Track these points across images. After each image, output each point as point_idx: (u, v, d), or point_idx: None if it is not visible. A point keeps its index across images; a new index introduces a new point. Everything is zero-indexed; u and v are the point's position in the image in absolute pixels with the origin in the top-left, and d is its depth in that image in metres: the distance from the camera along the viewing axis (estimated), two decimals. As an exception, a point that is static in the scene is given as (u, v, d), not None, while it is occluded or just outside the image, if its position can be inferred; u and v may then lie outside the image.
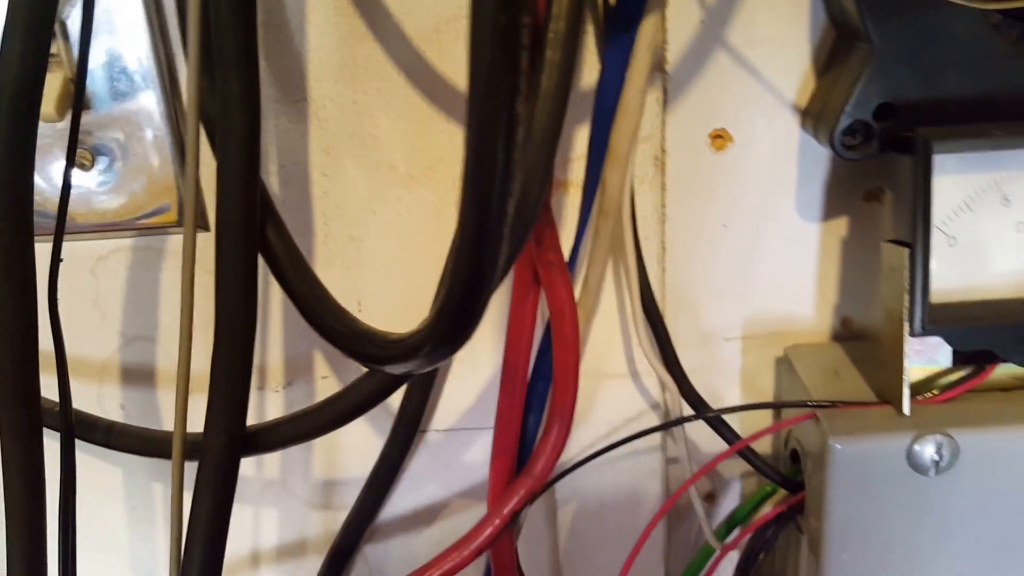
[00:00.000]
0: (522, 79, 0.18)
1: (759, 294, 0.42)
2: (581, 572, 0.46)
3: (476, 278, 0.23)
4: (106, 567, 0.46)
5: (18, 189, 0.29)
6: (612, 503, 0.45)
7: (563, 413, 0.36)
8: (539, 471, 0.37)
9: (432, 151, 0.38)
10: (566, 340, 0.35)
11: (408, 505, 0.45)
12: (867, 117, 0.34)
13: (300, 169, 0.39)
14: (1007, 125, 0.33)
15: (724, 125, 0.39)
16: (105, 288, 0.41)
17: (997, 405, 0.36)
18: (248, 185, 0.30)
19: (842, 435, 0.35)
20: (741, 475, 0.46)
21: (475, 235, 0.21)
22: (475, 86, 0.19)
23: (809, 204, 0.40)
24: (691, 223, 0.40)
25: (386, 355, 0.29)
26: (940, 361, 0.37)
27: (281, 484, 0.45)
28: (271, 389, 0.42)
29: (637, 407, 0.43)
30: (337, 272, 0.40)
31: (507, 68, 0.18)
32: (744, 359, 0.43)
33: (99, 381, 0.42)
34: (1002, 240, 0.35)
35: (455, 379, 0.43)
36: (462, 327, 0.24)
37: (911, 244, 0.34)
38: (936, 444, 0.35)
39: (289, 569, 0.46)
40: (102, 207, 0.39)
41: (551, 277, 0.34)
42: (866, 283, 0.42)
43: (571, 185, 0.38)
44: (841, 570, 0.37)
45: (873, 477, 0.36)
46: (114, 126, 0.37)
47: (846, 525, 0.37)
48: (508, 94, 0.18)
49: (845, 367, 0.40)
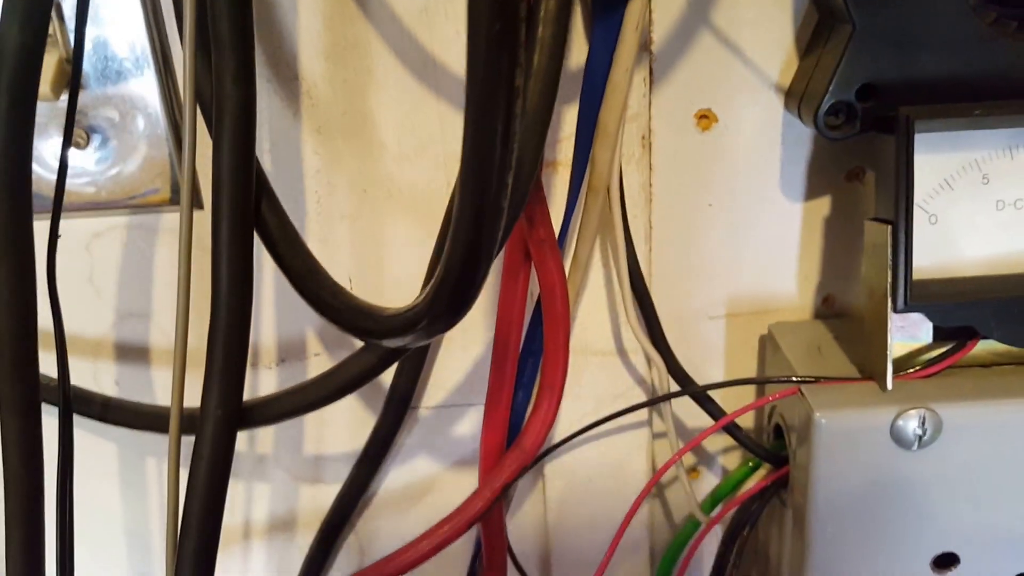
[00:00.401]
0: (521, 51, 0.19)
1: (743, 272, 0.43)
2: (569, 546, 0.47)
3: (475, 251, 0.23)
4: (101, 542, 0.47)
5: (17, 167, 0.30)
6: (599, 478, 0.46)
7: (552, 387, 0.37)
8: (529, 445, 0.37)
9: (422, 130, 0.39)
10: (556, 316, 0.36)
11: (399, 481, 0.46)
12: (850, 97, 0.35)
13: (292, 148, 0.39)
14: (987, 105, 0.34)
15: (709, 105, 0.39)
16: (100, 265, 0.41)
17: (979, 380, 0.37)
18: (243, 161, 0.31)
19: (827, 409, 0.36)
20: (725, 450, 0.47)
21: (475, 208, 0.22)
22: (474, 59, 0.19)
23: (792, 184, 0.41)
24: (677, 202, 0.41)
25: (383, 329, 0.29)
26: (922, 337, 0.38)
27: (273, 459, 0.45)
28: (264, 366, 0.43)
29: (624, 384, 0.44)
30: (329, 250, 0.40)
31: (506, 40, 0.18)
32: (728, 337, 0.44)
33: (94, 357, 0.42)
34: (982, 218, 0.36)
35: (446, 357, 0.43)
36: (461, 300, 0.25)
37: (893, 221, 0.35)
38: (919, 418, 0.35)
39: (281, 543, 0.47)
40: (97, 185, 0.39)
41: (542, 254, 0.35)
42: (848, 262, 0.42)
43: (559, 165, 0.39)
44: (825, 543, 0.38)
45: (857, 451, 0.36)
46: (109, 105, 0.38)
47: (830, 498, 0.37)
48: (508, 67, 0.19)
49: (828, 344, 0.41)
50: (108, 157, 0.39)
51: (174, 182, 0.39)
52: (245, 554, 0.47)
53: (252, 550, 0.47)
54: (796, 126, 0.39)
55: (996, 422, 0.36)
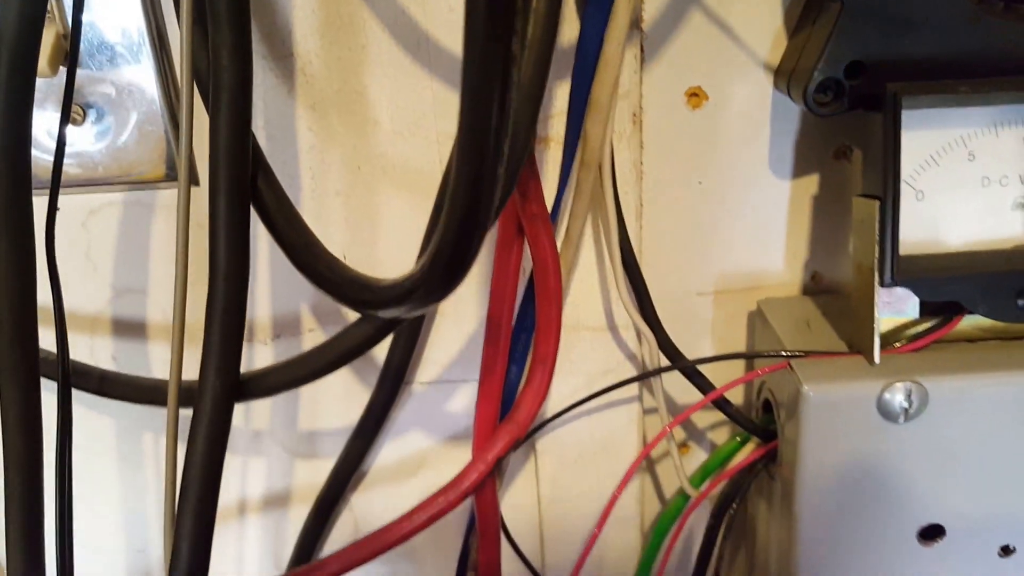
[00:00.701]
0: (518, 19, 0.19)
1: (732, 250, 0.43)
2: (561, 520, 0.48)
3: (472, 218, 0.24)
4: (98, 516, 0.47)
5: (17, 139, 0.30)
6: (591, 453, 0.46)
7: (545, 361, 0.37)
8: (522, 417, 0.38)
9: (416, 107, 0.39)
10: (549, 290, 0.36)
11: (393, 455, 0.46)
12: (838, 75, 0.35)
13: (287, 124, 0.39)
14: (973, 82, 0.34)
15: (700, 83, 0.40)
16: (97, 241, 0.41)
17: (965, 354, 0.38)
18: (240, 135, 0.31)
19: (815, 383, 0.37)
20: (715, 426, 0.47)
21: (472, 175, 0.22)
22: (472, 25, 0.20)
23: (781, 161, 0.41)
24: (667, 180, 0.41)
25: (380, 300, 0.30)
26: (908, 312, 0.38)
27: (269, 435, 0.46)
28: (260, 342, 0.43)
29: (615, 359, 0.44)
30: (323, 226, 0.41)
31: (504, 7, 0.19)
32: (717, 313, 0.45)
33: (91, 333, 0.43)
34: (968, 194, 0.37)
35: (440, 332, 0.44)
36: (457, 268, 0.25)
37: (880, 197, 0.35)
38: (906, 391, 0.36)
39: (276, 518, 0.48)
40: (93, 161, 0.39)
41: (535, 229, 0.35)
42: (836, 239, 0.43)
43: (552, 141, 0.39)
44: (813, 515, 0.39)
45: (845, 424, 0.37)
46: (105, 81, 0.38)
47: (818, 471, 0.38)
48: (506, 34, 0.19)
49: (816, 319, 0.41)
50: (104, 133, 0.39)
51: (170, 158, 0.39)
52: (241, 529, 0.48)
53: (248, 525, 0.48)
54: (785, 104, 0.40)
55: (981, 395, 0.37)
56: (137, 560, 0.49)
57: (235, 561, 0.49)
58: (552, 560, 0.49)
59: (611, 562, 0.49)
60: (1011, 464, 0.37)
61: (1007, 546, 0.39)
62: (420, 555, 0.49)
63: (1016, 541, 0.39)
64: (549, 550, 0.48)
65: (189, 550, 0.33)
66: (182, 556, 0.33)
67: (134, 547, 0.49)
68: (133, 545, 0.49)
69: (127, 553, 0.49)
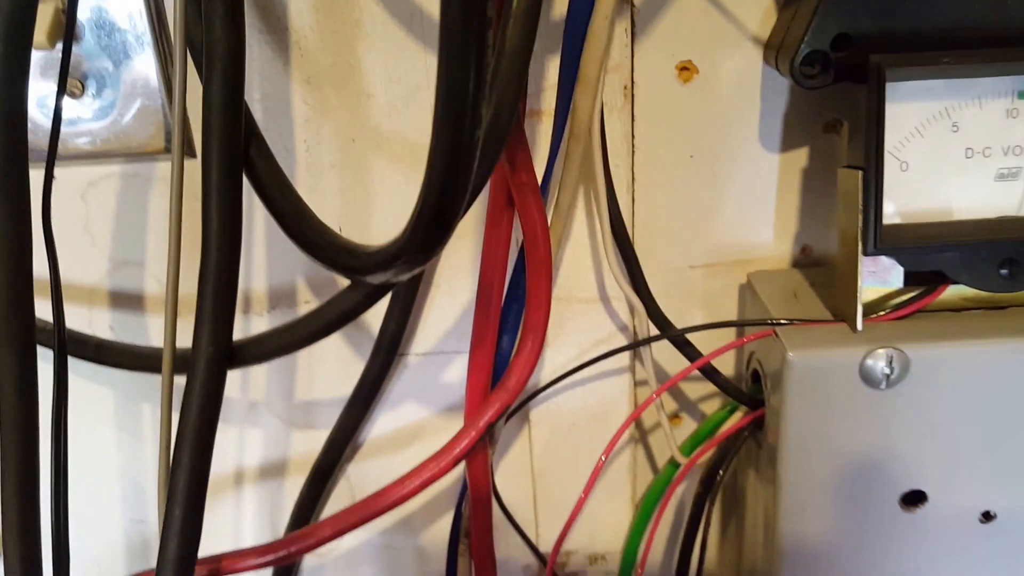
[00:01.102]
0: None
1: (723, 222, 0.44)
2: (553, 488, 0.48)
3: (450, 183, 0.24)
4: (96, 487, 0.48)
5: (13, 113, 0.31)
6: (583, 423, 0.47)
7: (536, 329, 0.38)
8: (513, 384, 0.39)
9: (409, 80, 0.39)
10: (538, 258, 0.37)
11: (387, 426, 0.47)
12: (825, 47, 0.36)
13: (282, 97, 0.40)
14: (956, 53, 0.35)
15: (690, 57, 0.40)
16: (95, 213, 0.42)
17: (946, 323, 0.38)
18: (233, 104, 0.32)
19: (799, 349, 0.37)
20: (705, 398, 0.48)
21: (449, 140, 0.23)
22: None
23: (771, 136, 0.42)
24: (659, 153, 0.42)
25: (367, 265, 0.31)
26: (893, 282, 0.39)
27: (265, 406, 0.46)
28: (255, 313, 0.44)
29: (606, 330, 0.45)
30: (317, 199, 0.42)
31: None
32: (708, 286, 0.45)
33: (89, 304, 0.44)
34: (951, 165, 0.37)
35: (433, 305, 0.45)
36: (438, 231, 0.26)
37: (864, 168, 0.36)
38: (887, 358, 0.37)
39: (272, 488, 0.48)
40: (92, 134, 0.40)
41: (524, 199, 0.36)
42: (825, 212, 0.43)
43: (543, 114, 0.40)
44: (797, 480, 0.40)
45: (828, 390, 0.38)
46: (104, 55, 0.38)
47: (802, 436, 0.39)
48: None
49: (804, 290, 0.42)
50: (104, 107, 0.39)
51: (168, 131, 0.40)
52: (238, 499, 0.49)
53: (244, 495, 0.49)
54: (775, 79, 0.40)
55: (962, 363, 0.37)
56: (136, 530, 0.50)
57: (232, 531, 0.49)
58: (545, 528, 0.50)
59: (603, 530, 0.49)
60: (991, 431, 0.38)
61: (988, 512, 0.39)
62: (413, 525, 0.50)
63: (996, 507, 0.39)
64: (542, 518, 0.49)
65: (182, 513, 0.33)
66: (175, 518, 0.33)
67: (133, 517, 0.50)
68: (131, 515, 0.50)
69: (125, 523, 0.50)
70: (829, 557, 0.41)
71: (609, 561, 0.51)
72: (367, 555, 0.50)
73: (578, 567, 0.51)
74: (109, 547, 0.50)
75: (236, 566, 0.37)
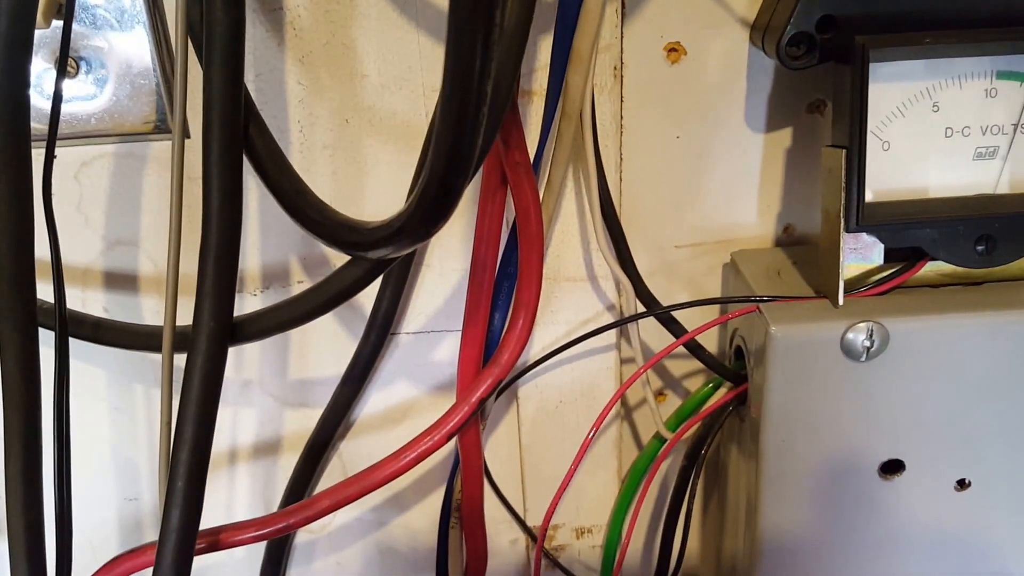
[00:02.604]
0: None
1: (708, 203, 0.45)
2: (541, 464, 0.49)
3: (456, 157, 0.25)
4: (88, 463, 0.48)
5: (16, 90, 0.31)
6: (570, 399, 0.48)
7: (528, 305, 0.39)
8: (505, 360, 0.39)
9: (403, 60, 0.40)
10: (530, 236, 0.37)
11: (380, 404, 0.48)
12: (810, 29, 0.37)
13: (277, 78, 0.40)
14: (938, 34, 0.36)
15: (679, 38, 0.41)
16: (88, 193, 0.42)
17: (925, 298, 0.40)
18: (233, 82, 0.32)
19: (782, 324, 0.38)
20: (690, 375, 0.49)
21: (456, 117, 0.24)
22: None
23: (756, 116, 0.43)
24: (646, 133, 0.43)
25: (367, 240, 0.31)
26: (874, 259, 0.40)
27: (258, 384, 0.47)
28: (249, 293, 0.45)
29: (594, 309, 0.46)
30: (311, 179, 0.41)
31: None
32: (692, 266, 0.46)
33: (83, 284, 0.44)
34: (931, 144, 0.38)
35: (425, 284, 0.45)
36: (442, 207, 0.27)
37: (847, 146, 0.37)
38: (868, 331, 0.38)
39: (266, 465, 0.49)
40: (86, 114, 0.40)
41: (517, 177, 0.36)
42: (808, 192, 0.45)
43: (535, 95, 0.41)
44: (779, 451, 0.41)
45: (809, 363, 0.39)
46: (98, 35, 0.39)
47: (784, 408, 0.40)
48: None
49: (786, 268, 0.43)
50: (97, 86, 0.40)
51: (161, 111, 0.40)
52: (231, 476, 0.49)
53: (238, 472, 0.49)
54: (761, 60, 0.41)
55: (940, 336, 0.38)
56: (128, 508, 0.50)
57: (225, 508, 0.50)
58: (533, 503, 0.51)
59: (588, 504, 0.51)
60: (967, 401, 0.39)
61: (963, 480, 0.41)
62: (404, 501, 0.51)
63: (971, 475, 0.41)
64: (530, 493, 0.50)
65: (184, 485, 0.34)
66: (177, 491, 0.34)
67: (126, 495, 0.50)
68: (125, 494, 0.50)
69: (118, 501, 0.50)
70: (809, 526, 0.42)
71: (595, 535, 0.52)
72: (358, 531, 0.51)
73: (564, 541, 0.52)
74: (102, 525, 0.50)
75: (235, 538, 0.38)
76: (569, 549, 0.52)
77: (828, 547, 0.43)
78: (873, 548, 0.43)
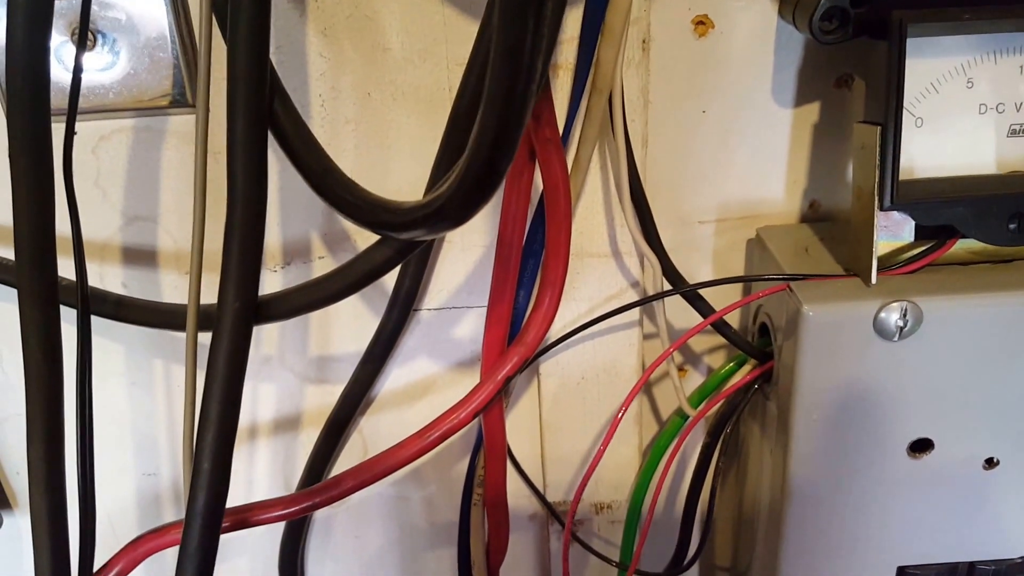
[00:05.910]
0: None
1: (733, 178, 0.44)
2: (561, 440, 0.49)
3: (504, 137, 0.24)
4: (106, 439, 0.48)
5: (36, 61, 0.30)
6: (592, 376, 0.47)
7: (554, 284, 0.38)
8: (531, 339, 0.39)
9: (426, 33, 0.39)
10: (559, 213, 0.37)
11: (400, 380, 0.47)
12: (844, 3, 0.36)
13: (298, 51, 0.39)
14: (976, 9, 0.35)
15: (706, 11, 0.40)
16: (106, 168, 0.41)
17: (957, 276, 0.39)
18: (259, 57, 0.31)
19: (814, 303, 0.38)
20: (712, 351, 0.49)
21: (506, 93, 0.23)
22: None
23: (783, 90, 0.42)
24: (673, 108, 0.42)
25: (402, 221, 0.31)
26: (905, 237, 0.40)
27: (279, 360, 0.47)
28: (269, 269, 0.44)
29: (618, 285, 0.45)
30: (333, 154, 0.40)
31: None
32: (717, 241, 0.46)
33: (101, 260, 0.43)
34: (965, 121, 0.38)
35: (447, 261, 0.45)
36: (485, 187, 0.26)
37: (882, 123, 0.36)
38: (901, 310, 0.38)
39: (286, 442, 0.49)
40: (104, 88, 0.39)
41: (547, 153, 0.36)
42: (835, 167, 0.44)
43: (560, 68, 0.40)
44: (808, 431, 0.41)
45: (842, 342, 0.39)
46: (116, 7, 0.38)
47: (814, 389, 0.40)
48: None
49: (814, 245, 0.43)
50: (114, 59, 0.39)
51: (179, 84, 0.40)
52: (251, 452, 0.49)
53: (258, 448, 0.49)
54: (789, 33, 0.41)
55: (973, 314, 0.38)
56: (148, 483, 0.50)
57: (245, 484, 0.50)
58: (552, 479, 0.50)
59: (608, 479, 0.50)
60: (997, 380, 0.39)
61: (991, 458, 0.41)
62: (424, 477, 0.50)
63: (1000, 454, 0.41)
64: (550, 469, 0.50)
65: (211, 467, 0.34)
66: (203, 472, 0.34)
67: (145, 471, 0.50)
68: (144, 469, 0.50)
69: (137, 477, 0.50)
70: (836, 502, 0.42)
71: (615, 510, 0.52)
72: (378, 506, 0.51)
73: (583, 515, 0.52)
74: (120, 500, 0.50)
75: (262, 517, 0.38)
76: (588, 524, 0.52)
77: (854, 525, 0.43)
78: (900, 526, 0.43)
